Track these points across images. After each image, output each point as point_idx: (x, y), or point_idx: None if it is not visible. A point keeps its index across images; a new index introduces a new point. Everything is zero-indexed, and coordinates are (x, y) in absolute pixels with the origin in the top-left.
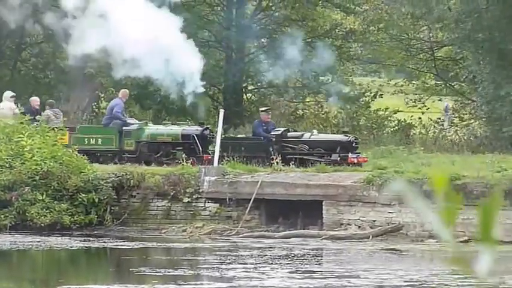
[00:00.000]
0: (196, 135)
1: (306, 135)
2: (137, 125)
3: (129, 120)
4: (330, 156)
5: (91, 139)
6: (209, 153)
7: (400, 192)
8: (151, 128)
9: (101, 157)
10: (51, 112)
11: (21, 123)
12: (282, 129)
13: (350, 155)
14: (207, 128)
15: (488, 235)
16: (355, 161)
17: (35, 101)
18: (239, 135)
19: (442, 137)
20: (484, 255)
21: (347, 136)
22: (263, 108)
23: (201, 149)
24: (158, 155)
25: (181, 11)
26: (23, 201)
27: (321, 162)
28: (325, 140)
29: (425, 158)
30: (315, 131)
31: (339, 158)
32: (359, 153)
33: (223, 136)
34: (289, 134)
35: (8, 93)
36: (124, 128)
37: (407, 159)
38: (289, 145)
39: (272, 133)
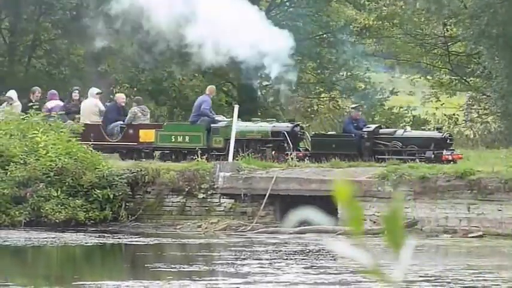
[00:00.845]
0: (286, 132)
1: (399, 132)
2: (226, 122)
3: (217, 117)
4: (424, 154)
5: (178, 136)
6: (300, 151)
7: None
8: (241, 125)
9: (188, 155)
10: (138, 109)
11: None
12: (374, 126)
13: (444, 152)
14: (298, 124)
15: (397, 241)
16: (450, 157)
17: (120, 97)
18: (329, 133)
19: (457, 132)
20: (397, 265)
21: (441, 133)
22: (353, 105)
23: (291, 146)
24: (247, 152)
25: None
26: (38, 198)
27: (415, 160)
28: (418, 136)
29: None
30: (408, 128)
31: (433, 155)
32: (453, 149)
33: (313, 133)
34: (381, 131)
35: (93, 90)
36: (212, 125)
37: None
38: (382, 142)
39: (364, 130)
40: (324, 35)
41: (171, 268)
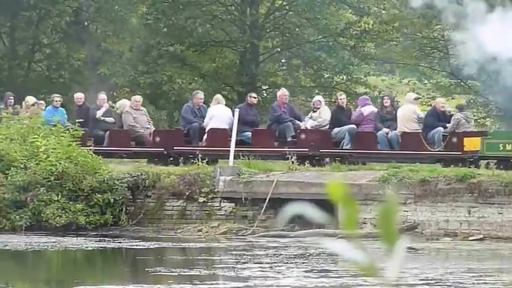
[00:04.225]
0: None
1: None
2: None
3: None
4: None
5: (507, 145)
6: None
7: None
8: None
9: None
10: (461, 115)
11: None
12: None
13: None
14: None
15: (391, 237)
16: None
17: (440, 102)
18: None
19: None
20: (391, 259)
21: None
22: None
23: None
24: None
25: (194, 10)
26: (38, 202)
27: None
28: None
29: None
30: None
31: None
32: None
33: None
34: None
35: (411, 95)
36: None
37: None
38: None
39: None
40: (323, 39)
41: (172, 272)
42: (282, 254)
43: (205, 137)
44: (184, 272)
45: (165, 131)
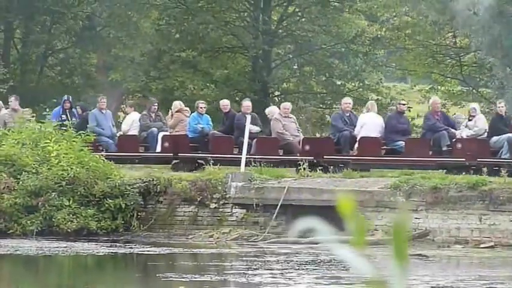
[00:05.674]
0: None
1: None
2: None
3: None
4: None
5: None
6: None
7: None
8: None
9: None
10: None
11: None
12: None
13: None
14: None
15: (401, 256)
16: None
17: None
18: None
19: None
20: (398, 277)
21: None
22: None
23: None
24: None
25: (206, 16)
26: (50, 207)
27: None
28: None
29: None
30: None
31: None
32: None
33: None
34: None
35: None
36: None
37: None
38: None
39: None
40: (335, 46)
41: (183, 278)
42: (293, 261)
43: (356, 145)
44: (195, 278)
45: (315, 139)
